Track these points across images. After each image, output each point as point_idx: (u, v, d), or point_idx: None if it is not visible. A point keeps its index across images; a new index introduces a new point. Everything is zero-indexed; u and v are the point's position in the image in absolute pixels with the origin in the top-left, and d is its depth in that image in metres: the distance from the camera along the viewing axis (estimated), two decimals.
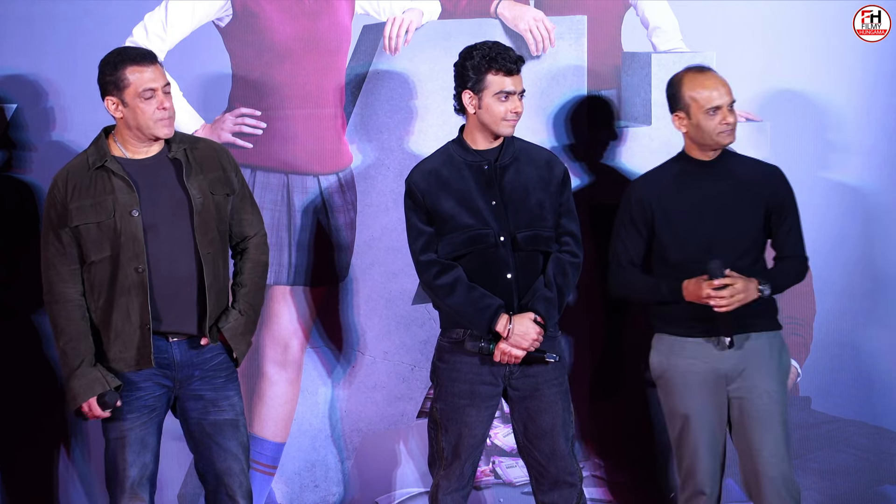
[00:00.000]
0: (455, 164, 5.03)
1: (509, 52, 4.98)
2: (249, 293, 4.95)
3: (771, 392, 5.07)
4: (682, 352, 5.11)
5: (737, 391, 5.08)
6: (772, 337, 5.12)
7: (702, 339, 5.08)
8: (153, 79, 4.78)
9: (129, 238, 4.76)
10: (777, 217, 5.12)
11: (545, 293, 5.00)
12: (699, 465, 5.10)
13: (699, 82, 5.08)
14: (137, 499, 4.83)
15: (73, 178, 4.80)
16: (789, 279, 5.16)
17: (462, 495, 5.09)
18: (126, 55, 4.81)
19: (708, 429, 5.09)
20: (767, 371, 5.08)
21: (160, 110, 4.78)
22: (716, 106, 5.05)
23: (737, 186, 5.10)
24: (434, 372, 5.10)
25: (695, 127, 5.08)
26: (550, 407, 5.03)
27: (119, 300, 4.77)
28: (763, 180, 5.13)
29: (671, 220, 5.11)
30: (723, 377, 5.08)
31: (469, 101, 5.00)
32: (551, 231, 5.05)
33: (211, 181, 4.87)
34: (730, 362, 5.07)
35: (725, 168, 5.12)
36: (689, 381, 5.09)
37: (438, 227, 5.01)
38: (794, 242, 5.15)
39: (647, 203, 5.14)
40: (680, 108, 5.11)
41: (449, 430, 5.05)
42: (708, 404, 5.09)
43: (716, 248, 5.04)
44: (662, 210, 5.12)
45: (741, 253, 5.06)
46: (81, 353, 4.76)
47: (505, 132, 5.01)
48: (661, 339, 5.18)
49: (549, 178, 5.07)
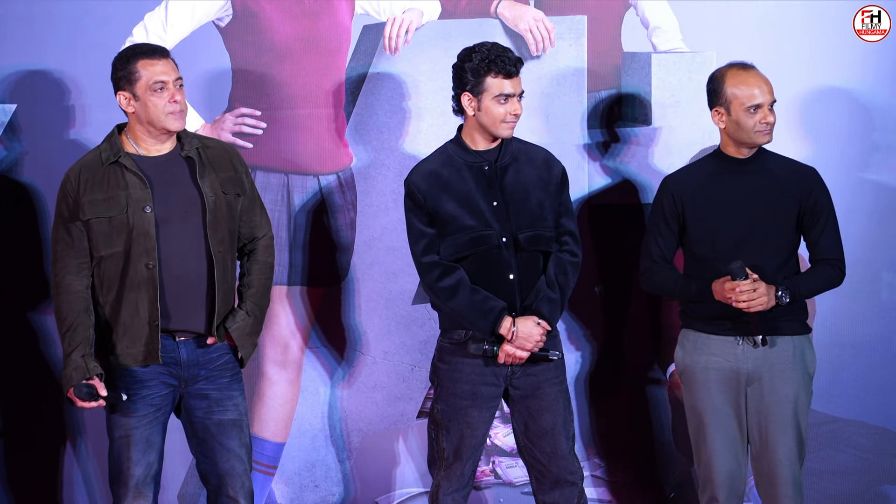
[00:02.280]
0: (455, 164, 5.02)
1: (508, 53, 4.97)
2: (257, 294, 4.96)
3: (791, 398, 5.03)
4: (705, 348, 5.09)
5: (756, 393, 5.05)
6: (797, 341, 5.07)
7: (728, 336, 5.06)
8: (164, 72, 4.79)
9: (140, 234, 4.76)
10: (810, 218, 5.06)
11: (548, 294, 5.00)
12: (715, 465, 5.07)
13: (742, 79, 5.03)
14: (141, 497, 4.83)
15: (85, 173, 4.80)
16: (817, 284, 5.09)
17: (462, 495, 5.10)
18: (138, 49, 4.83)
19: (725, 427, 5.07)
20: (790, 375, 5.04)
21: (171, 103, 4.78)
22: (757, 104, 5.00)
23: (770, 185, 5.05)
24: (434, 373, 5.10)
25: (734, 123, 5.03)
26: (551, 406, 5.03)
27: (128, 296, 4.78)
28: (797, 180, 5.07)
29: (702, 217, 5.07)
30: (743, 377, 5.05)
31: (468, 103, 4.99)
32: (552, 231, 5.05)
33: (223, 181, 4.88)
34: (752, 363, 5.04)
35: (760, 166, 5.07)
36: (710, 378, 5.07)
37: (440, 229, 5.00)
38: (827, 245, 5.08)
39: (678, 199, 5.11)
40: (720, 103, 5.05)
41: (450, 431, 5.05)
42: (726, 402, 5.06)
43: (746, 245, 5.01)
44: (693, 206, 5.08)
45: (772, 252, 5.02)
46: (76, 341, 4.76)
47: (504, 134, 5.00)
48: (686, 334, 5.16)
49: (548, 178, 5.06)
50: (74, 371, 4.73)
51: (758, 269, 4.97)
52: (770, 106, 5.03)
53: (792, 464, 5.05)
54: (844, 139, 5.83)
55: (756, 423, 5.07)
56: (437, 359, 5.09)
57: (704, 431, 5.09)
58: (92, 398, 4.72)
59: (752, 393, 5.07)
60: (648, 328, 5.89)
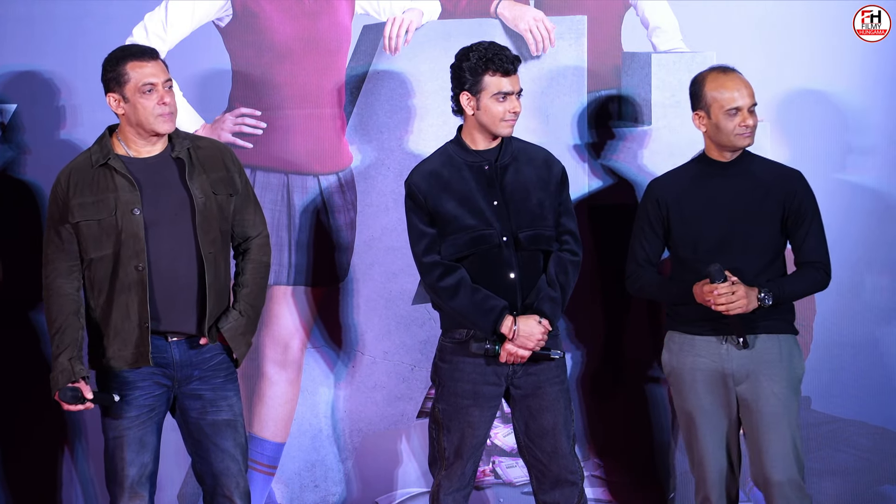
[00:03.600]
0: (455, 164, 5.03)
1: (506, 52, 4.98)
2: (251, 294, 4.95)
3: (779, 395, 5.03)
4: (691, 350, 5.09)
5: (745, 392, 5.06)
6: (783, 339, 5.07)
7: (711, 337, 5.06)
8: (153, 73, 4.78)
9: (129, 236, 4.76)
10: (794, 221, 5.06)
11: (549, 293, 5.00)
12: (707, 465, 5.08)
13: (721, 82, 5.03)
14: (137, 497, 4.83)
15: (75, 175, 4.80)
16: (800, 287, 5.08)
17: (463, 495, 5.10)
18: (127, 51, 4.82)
19: (714, 427, 5.07)
20: (776, 373, 5.04)
21: (160, 105, 4.78)
22: (736, 107, 5.01)
23: (753, 188, 5.06)
24: (435, 372, 5.10)
25: (714, 127, 5.04)
26: (552, 405, 5.03)
27: (119, 298, 4.78)
28: (781, 183, 5.07)
29: (686, 220, 5.09)
30: (730, 377, 5.05)
31: (467, 102, 4.99)
32: (552, 230, 5.05)
33: (214, 181, 4.87)
34: (737, 362, 5.05)
35: (743, 169, 5.08)
36: (697, 379, 5.08)
37: (440, 229, 5.00)
38: (812, 248, 5.08)
39: (662, 202, 5.12)
40: (701, 107, 5.06)
41: (451, 431, 5.05)
42: (714, 402, 5.07)
43: (728, 248, 5.02)
44: (678, 209, 5.10)
45: (754, 255, 5.03)
46: (64, 343, 4.76)
47: (504, 132, 5.01)
48: (672, 336, 5.17)
49: (548, 178, 5.07)
50: (61, 374, 4.74)
51: (739, 272, 4.98)
52: (750, 108, 5.03)
53: (786, 463, 5.02)
54: (844, 139, 5.82)
55: (748, 422, 5.07)
56: (438, 358, 5.09)
57: (695, 432, 5.10)
58: (77, 401, 4.72)
59: (741, 392, 5.07)
60: (647, 327, 5.89)
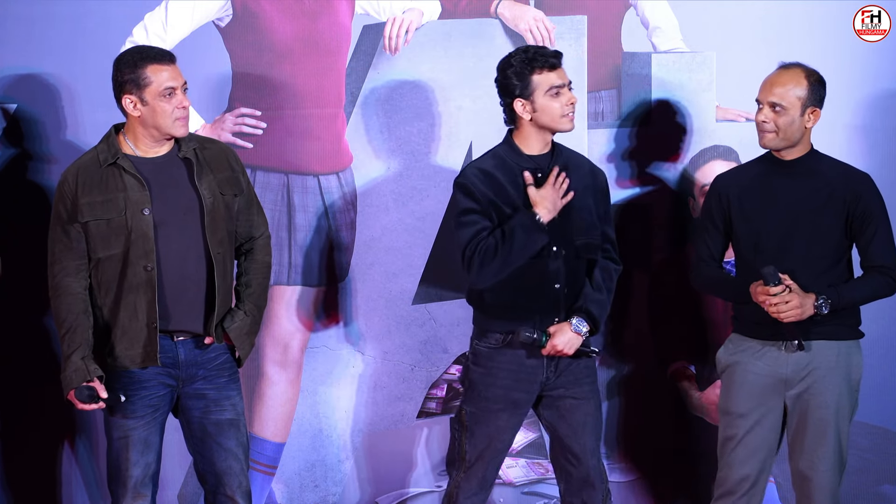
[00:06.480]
0: (508, 168, 4.95)
1: (545, 49, 4.94)
2: (255, 294, 4.96)
3: (830, 403, 4.95)
4: (746, 351, 5.03)
5: (796, 398, 4.98)
6: (841, 346, 4.99)
7: (768, 341, 4.99)
8: (173, 77, 4.79)
9: (139, 236, 4.76)
10: (859, 224, 4.96)
11: (596, 295, 4.97)
12: (734, 469, 5.02)
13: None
14: (140, 497, 4.83)
15: (83, 174, 4.79)
16: (862, 293, 4.99)
17: (482, 498, 5.07)
18: (146, 54, 4.81)
19: (754, 434, 5.00)
20: (830, 381, 4.96)
21: (179, 109, 4.78)
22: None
23: (816, 188, 4.96)
24: (466, 374, 5.07)
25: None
26: (582, 405, 5.00)
27: (127, 298, 4.78)
28: (847, 184, 4.97)
29: (746, 217, 5.02)
30: (782, 382, 4.98)
31: (522, 108, 4.91)
32: (600, 239, 5.01)
33: (220, 181, 4.88)
34: (792, 367, 4.97)
35: (808, 169, 4.99)
36: (748, 381, 5.01)
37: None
38: (877, 252, 4.97)
39: (724, 199, 5.06)
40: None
41: (476, 434, 5.01)
42: (759, 407, 5.00)
43: (790, 248, 4.93)
44: (740, 207, 5.03)
45: (815, 256, 4.94)
46: (75, 342, 4.75)
47: (566, 127, 4.93)
48: (733, 337, 5.10)
49: (594, 186, 5.03)
50: (75, 373, 4.73)
51: (797, 274, 4.90)
52: (767, 105, 4.98)
53: (829, 472, 4.97)
54: (844, 139, 5.83)
55: (794, 428, 5.01)
56: (471, 361, 5.04)
57: (733, 435, 5.03)
58: (92, 400, 4.73)
59: (792, 397, 4.99)
60: (648, 327, 5.89)
